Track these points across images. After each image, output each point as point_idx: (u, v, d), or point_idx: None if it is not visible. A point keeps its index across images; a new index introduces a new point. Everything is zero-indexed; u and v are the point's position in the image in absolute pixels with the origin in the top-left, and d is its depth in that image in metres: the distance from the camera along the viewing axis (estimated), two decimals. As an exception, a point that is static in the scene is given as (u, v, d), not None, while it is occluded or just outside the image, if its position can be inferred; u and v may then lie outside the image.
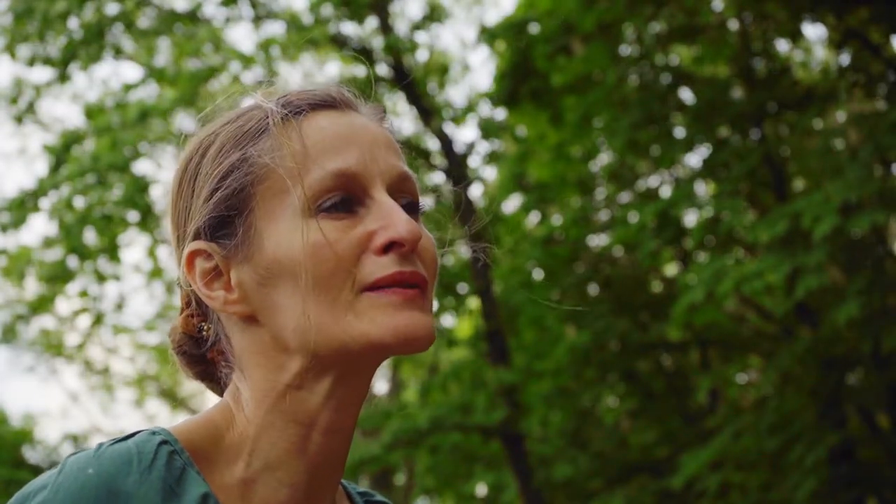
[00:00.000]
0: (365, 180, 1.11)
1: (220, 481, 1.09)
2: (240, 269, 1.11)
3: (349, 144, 1.12)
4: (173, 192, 1.18)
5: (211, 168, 1.14)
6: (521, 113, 10.21)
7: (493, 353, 10.53)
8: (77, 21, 9.95)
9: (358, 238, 1.08)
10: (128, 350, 17.11)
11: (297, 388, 1.10)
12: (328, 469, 1.13)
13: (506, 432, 10.00)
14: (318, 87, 1.17)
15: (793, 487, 7.72)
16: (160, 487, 1.03)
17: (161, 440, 1.07)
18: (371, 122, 1.16)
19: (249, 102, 1.19)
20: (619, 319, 9.62)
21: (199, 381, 1.23)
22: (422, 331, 1.08)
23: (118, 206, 10.35)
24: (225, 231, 1.12)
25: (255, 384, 1.12)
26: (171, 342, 1.22)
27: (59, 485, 1.02)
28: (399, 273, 1.07)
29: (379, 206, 1.10)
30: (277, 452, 1.10)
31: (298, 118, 1.13)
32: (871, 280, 7.29)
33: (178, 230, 1.16)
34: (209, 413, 1.14)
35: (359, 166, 1.11)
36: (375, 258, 1.08)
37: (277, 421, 1.10)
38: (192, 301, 1.19)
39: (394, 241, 1.08)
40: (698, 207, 8.44)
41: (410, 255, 1.09)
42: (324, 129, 1.12)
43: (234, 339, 1.14)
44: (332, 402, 1.10)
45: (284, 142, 1.11)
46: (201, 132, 1.19)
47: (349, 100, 1.17)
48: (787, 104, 8.61)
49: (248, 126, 1.14)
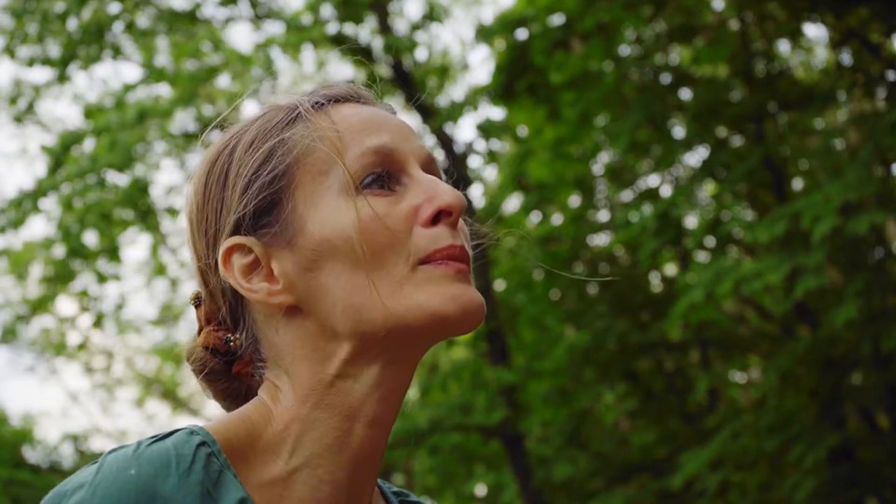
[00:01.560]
0: (401, 157, 1.12)
1: (257, 481, 1.08)
2: (282, 258, 1.10)
3: (380, 127, 1.14)
4: (197, 201, 1.16)
5: (245, 159, 1.13)
6: (519, 108, 10.21)
7: (492, 353, 10.54)
8: (76, 21, 9.95)
9: (406, 212, 1.09)
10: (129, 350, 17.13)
11: (344, 377, 1.09)
12: (368, 464, 1.12)
13: (506, 432, 10.00)
14: (340, 84, 1.19)
15: (792, 487, 7.73)
16: (198, 493, 1.02)
17: (199, 441, 1.05)
18: (389, 114, 1.19)
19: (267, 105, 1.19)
20: (618, 319, 9.62)
21: (221, 401, 1.21)
22: (477, 302, 1.09)
23: (118, 207, 10.36)
24: (265, 219, 1.11)
25: (298, 379, 1.10)
26: (192, 363, 1.19)
27: (97, 484, 1.00)
28: (452, 246, 1.09)
29: (418, 181, 1.11)
30: (320, 448, 1.09)
31: (325, 108, 1.15)
32: (869, 281, 7.29)
33: (207, 234, 1.15)
34: (246, 411, 1.12)
35: (394, 143, 1.12)
36: (426, 231, 1.09)
37: (322, 415, 1.09)
38: (222, 309, 1.16)
39: (442, 209, 1.09)
40: (698, 209, 8.45)
41: (457, 228, 1.11)
42: (353, 116, 1.14)
43: (273, 339, 1.12)
44: (377, 392, 1.10)
45: (319, 123, 1.12)
46: (222, 137, 1.19)
47: (369, 96, 1.20)
48: (786, 104, 8.61)
49: (278, 117, 1.15)
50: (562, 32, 8.87)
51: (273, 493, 1.08)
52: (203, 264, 1.16)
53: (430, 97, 11.38)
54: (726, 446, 7.97)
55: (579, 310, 10.34)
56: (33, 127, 12.13)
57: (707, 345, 10.32)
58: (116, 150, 9.63)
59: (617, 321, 9.56)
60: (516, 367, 10.24)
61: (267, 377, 1.14)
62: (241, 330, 1.15)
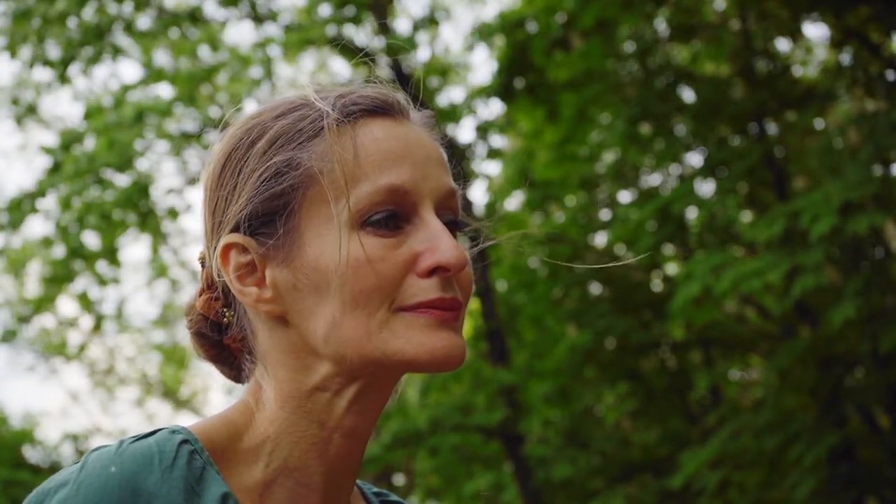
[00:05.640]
0: (415, 198, 1.10)
1: (238, 481, 1.09)
2: (276, 269, 1.10)
3: (402, 160, 1.11)
4: (213, 178, 1.15)
5: (258, 163, 1.12)
6: (518, 108, 10.21)
7: (493, 353, 10.53)
8: (76, 22, 9.94)
9: (404, 260, 1.08)
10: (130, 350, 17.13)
11: (324, 389, 1.10)
12: (345, 471, 1.14)
13: (506, 432, 10.00)
14: (374, 91, 1.15)
15: (792, 487, 7.72)
16: (182, 487, 1.03)
17: (182, 439, 1.06)
18: (424, 135, 1.16)
19: (299, 94, 1.16)
20: (620, 318, 9.62)
21: (211, 363, 1.21)
22: (456, 351, 1.08)
23: (117, 208, 10.35)
24: (266, 230, 1.11)
25: (279, 384, 1.11)
26: (187, 320, 1.20)
27: (80, 482, 1.01)
28: (440, 299, 1.08)
29: (426, 226, 1.10)
30: (298, 453, 1.11)
31: (354, 123, 1.11)
32: (868, 280, 7.29)
33: (215, 219, 1.15)
34: (228, 412, 1.14)
35: (410, 183, 1.10)
36: (418, 280, 1.08)
37: (300, 422, 1.11)
38: (217, 286, 1.17)
39: (440, 266, 1.08)
40: (698, 205, 8.44)
41: (452, 279, 1.10)
42: (378, 141, 1.11)
43: (261, 336, 1.13)
44: (356, 407, 1.11)
45: (337, 150, 1.09)
46: (246, 119, 1.16)
47: (404, 108, 1.16)
48: (787, 103, 8.61)
49: (301, 125, 1.12)
50: (561, 31, 8.87)
51: (253, 494, 1.09)
52: (208, 240, 1.17)
53: (430, 97, 11.38)
54: (726, 445, 7.97)
55: (580, 309, 10.33)
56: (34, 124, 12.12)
57: (708, 344, 10.31)
58: (115, 149, 9.63)
59: (618, 320, 9.55)
60: (516, 367, 10.23)
61: (254, 376, 1.15)
62: (234, 310, 1.16)
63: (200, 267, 1.20)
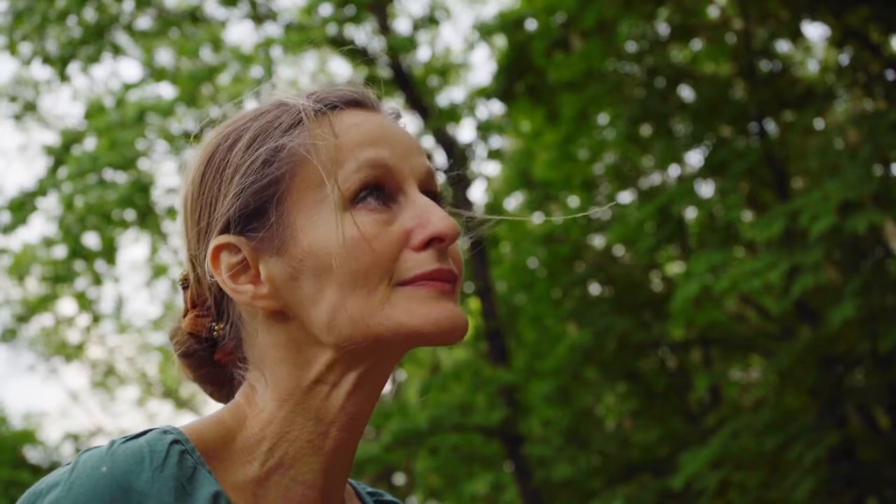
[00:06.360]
0: (398, 176, 1.12)
1: (231, 481, 1.09)
2: (270, 263, 1.11)
3: (381, 140, 1.13)
4: (194, 187, 1.16)
5: (243, 159, 1.13)
6: (518, 110, 10.21)
7: (493, 353, 10.53)
8: (76, 20, 9.94)
9: (397, 235, 1.10)
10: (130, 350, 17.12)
11: (323, 382, 1.11)
12: (341, 465, 1.14)
13: (506, 432, 10.00)
14: (346, 87, 1.18)
15: (792, 486, 7.72)
16: (173, 486, 1.03)
17: (172, 439, 1.07)
18: (397, 124, 1.18)
19: (272, 99, 1.18)
20: (620, 318, 9.62)
21: (201, 385, 1.22)
22: (459, 321, 1.09)
23: (118, 207, 10.35)
24: (255, 223, 1.11)
25: (278, 382, 1.12)
26: (175, 344, 1.20)
27: (72, 482, 1.02)
28: (438, 270, 1.09)
29: (413, 202, 1.12)
30: (295, 450, 1.11)
31: (330, 113, 1.14)
32: (868, 280, 7.29)
33: (199, 224, 1.15)
34: (220, 413, 1.14)
35: (392, 160, 1.12)
36: (414, 254, 1.09)
37: (298, 418, 1.11)
38: (207, 299, 1.17)
39: (435, 236, 1.09)
40: (698, 206, 8.44)
41: (446, 251, 1.11)
42: (357, 125, 1.13)
43: (257, 337, 1.13)
44: (354, 398, 1.11)
45: (319, 133, 1.11)
46: (224, 126, 1.18)
47: (375, 101, 1.19)
48: (787, 103, 8.61)
49: (280, 119, 1.14)
50: (561, 31, 8.87)
51: (247, 493, 1.09)
52: (192, 253, 1.17)
53: (430, 97, 11.38)
54: (726, 446, 7.97)
55: (580, 309, 10.34)
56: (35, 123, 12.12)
57: (708, 344, 10.31)
58: (116, 148, 9.63)
59: (618, 320, 9.56)
60: (516, 366, 10.23)
61: (247, 379, 1.15)
62: (224, 322, 1.16)
63: (182, 289, 1.20)
